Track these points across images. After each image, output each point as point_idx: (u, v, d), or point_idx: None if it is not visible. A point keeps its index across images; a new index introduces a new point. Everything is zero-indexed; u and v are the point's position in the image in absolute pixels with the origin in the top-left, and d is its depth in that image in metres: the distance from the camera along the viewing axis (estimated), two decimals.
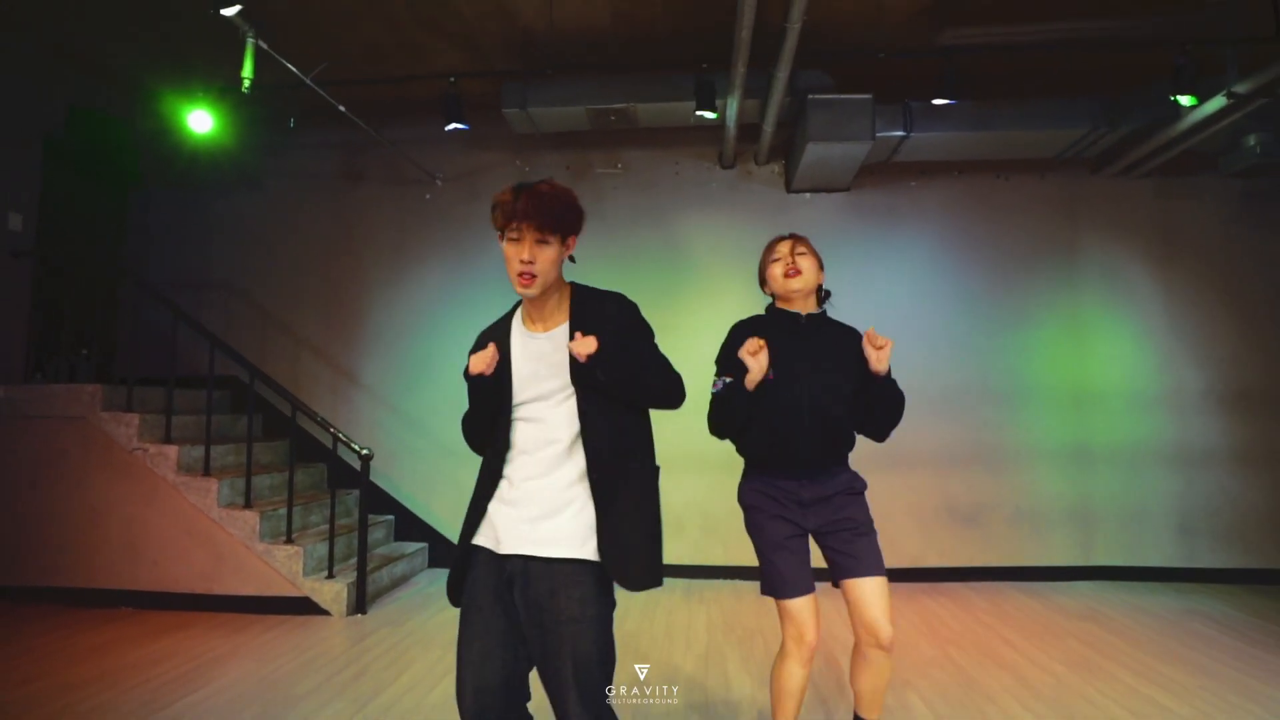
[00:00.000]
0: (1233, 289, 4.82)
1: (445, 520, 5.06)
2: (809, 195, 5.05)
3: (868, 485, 2.11)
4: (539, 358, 1.62)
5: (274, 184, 5.37)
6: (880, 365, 1.96)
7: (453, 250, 5.18)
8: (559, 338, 1.62)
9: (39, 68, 4.57)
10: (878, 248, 4.98)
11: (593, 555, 1.55)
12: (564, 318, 1.65)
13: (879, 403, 2.02)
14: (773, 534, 2.02)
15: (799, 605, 1.97)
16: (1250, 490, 4.69)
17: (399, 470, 5.07)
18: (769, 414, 1.99)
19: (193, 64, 4.40)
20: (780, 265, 2.08)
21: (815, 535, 2.05)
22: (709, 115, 4.17)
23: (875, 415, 2.05)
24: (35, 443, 4.13)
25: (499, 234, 1.59)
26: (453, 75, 4.29)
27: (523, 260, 1.54)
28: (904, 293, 4.91)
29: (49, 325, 4.61)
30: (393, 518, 5.05)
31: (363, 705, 2.77)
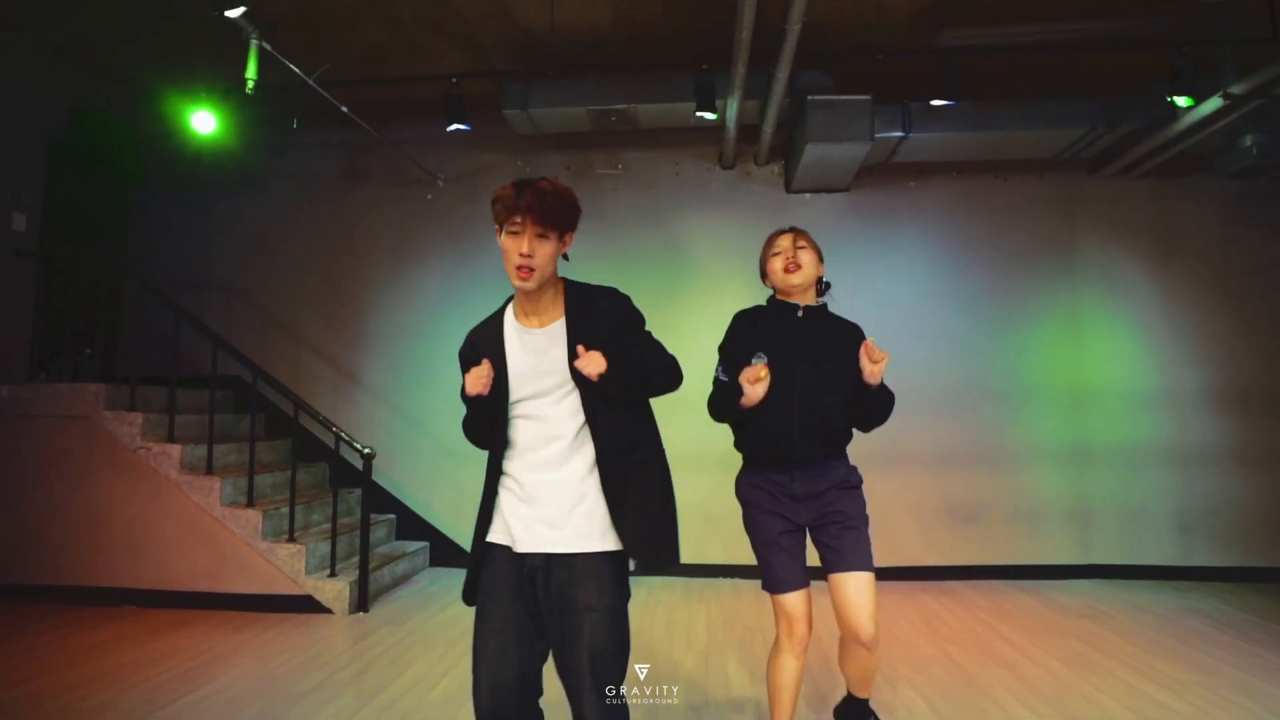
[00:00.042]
0: (1230, 289, 4.83)
1: (446, 519, 5.08)
2: (809, 195, 5.07)
3: (863, 480, 2.12)
4: (537, 353, 1.64)
5: (275, 184, 5.39)
6: (873, 379, 1.97)
7: (454, 250, 5.20)
8: (556, 333, 1.64)
9: (41, 68, 4.59)
10: (877, 248, 5.00)
11: (612, 545, 1.59)
12: (559, 313, 1.66)
13: (867, 405, 2.05)
14: (765, 530, 2.05)
15: (790, 600, 2.00)
16: (1248, 489, 4.70)
17: (400, 470, 5.09)
18: (761, 406, 2.01)
19: (194, 64, 4.41)
20: (780, 259, 2.11)
21: (809, 529, 2.07)
22: (709, 116, 4.18)
23: (861, 414, 2.08)
24: (38, 442, 4.15)
25: (498, 228, 1.61)
26: (454, 76, 4.30)
27: (522, 254, 1.56)
28: (903, 293, 4.93)
29: (52, 325, 4.63)
30: (394, 517, 5.07)
31: (365, 703, 2.79)
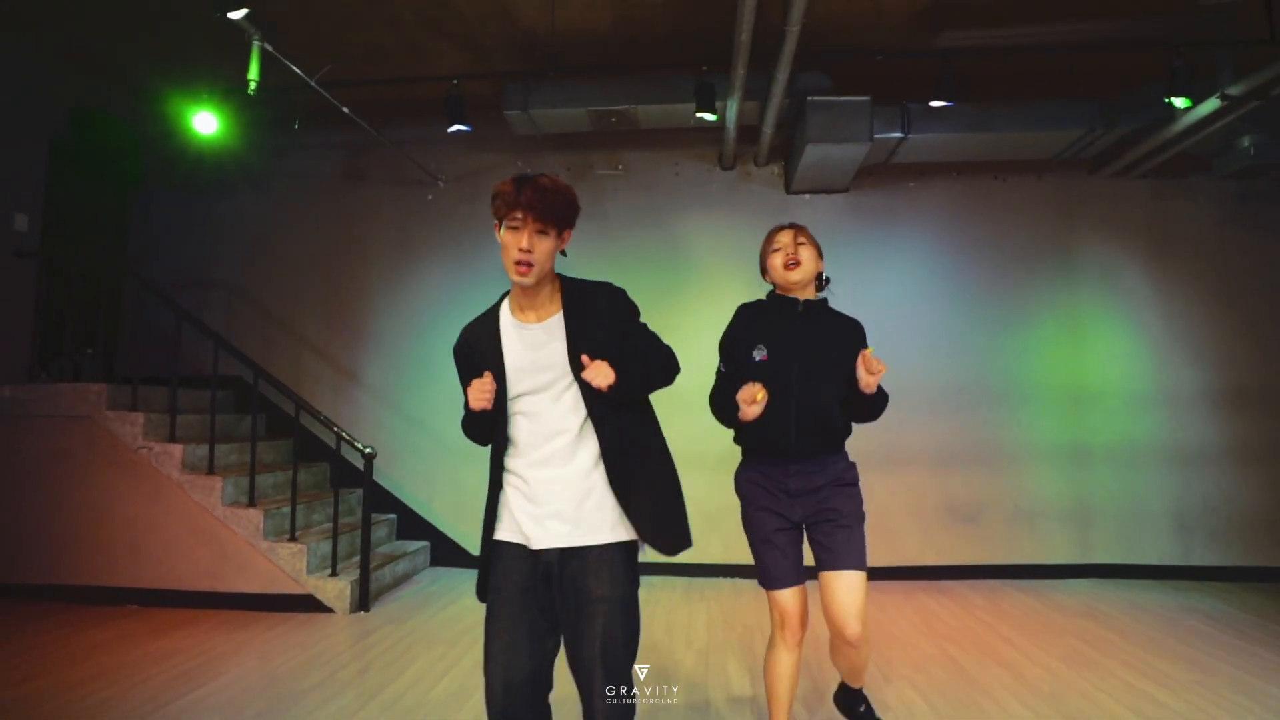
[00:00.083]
0: (1228, 289, 4.85)
1: (447, 519, 5.09)
2: (808, 196, 5.08)
3: (860, 477, 2.13)
4: (534, 347, 1.65)
5: (276, 185, 5.40)
6: (869, 389, 1.98)
7: (454, 251, 5.21)
8: (553, 327, 1.66)
9: (43, 69, 4.60)
10: (876, 248, 5.01)
11: (623, 536, 1.62)
12: (556, 308, 1.68)
13: (859, 405, 2.07)
14: (759, 527, 2.07)
15: (784, 596, 2.03)
16: (1247, 488, 4.71)
17: (401, 469, 5.10)
18: None
19: (196, 65, 4.42)
20: (780, 255, 2.12)
21: (805, 526, 2.09)
22: (709, 117, 4.19)
23: (853, 412, 2.11)
24: (40, 441, 4.15)
25: (497, 223, 1.63)
26: (454, 76, 4.31)
27: (521, 249, 1.57)
28: (903, 293, 4.94)
29: (53, 325, 4.64)
30: (395, 516, 5.08)
31: (366, 701, 2.80)
